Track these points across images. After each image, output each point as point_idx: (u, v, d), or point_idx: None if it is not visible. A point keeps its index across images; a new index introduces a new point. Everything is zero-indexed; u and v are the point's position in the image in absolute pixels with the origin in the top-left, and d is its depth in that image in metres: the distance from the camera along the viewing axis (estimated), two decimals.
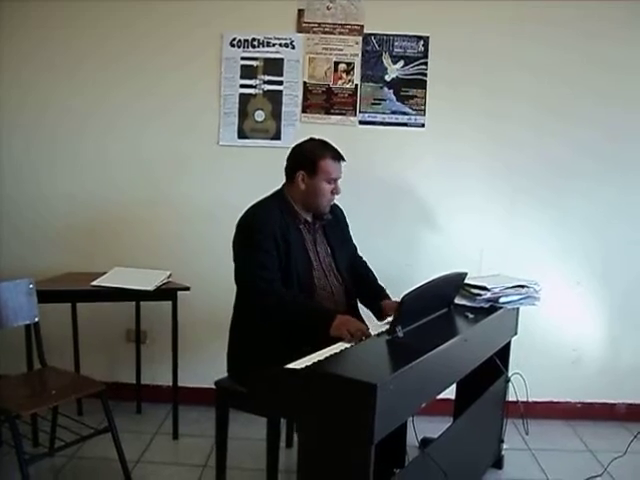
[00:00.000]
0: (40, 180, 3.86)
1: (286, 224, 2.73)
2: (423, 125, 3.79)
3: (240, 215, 2.75)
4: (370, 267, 3.15)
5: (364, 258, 3.18)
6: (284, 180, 2.87)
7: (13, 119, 3.82)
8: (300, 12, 3.74)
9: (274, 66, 3.77)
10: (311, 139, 2.86)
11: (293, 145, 2.88)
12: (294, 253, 2.71)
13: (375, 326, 2.56)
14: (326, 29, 3.75)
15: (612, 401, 3.95)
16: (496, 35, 3.72)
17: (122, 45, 3.77)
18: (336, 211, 3.01)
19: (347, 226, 3.11)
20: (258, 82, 3.79)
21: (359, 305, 3.00)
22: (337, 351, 2.23)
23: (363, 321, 2.69)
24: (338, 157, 2.79)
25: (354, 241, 3.15)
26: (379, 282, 3.08)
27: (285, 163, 2.85)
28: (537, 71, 3.73)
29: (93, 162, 3.84)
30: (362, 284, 3.03)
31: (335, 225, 2.99)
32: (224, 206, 3.71)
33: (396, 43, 3.74)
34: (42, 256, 3.80)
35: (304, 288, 2.73)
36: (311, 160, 2.76)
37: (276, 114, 3.80)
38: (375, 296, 2.97)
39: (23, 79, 3.79)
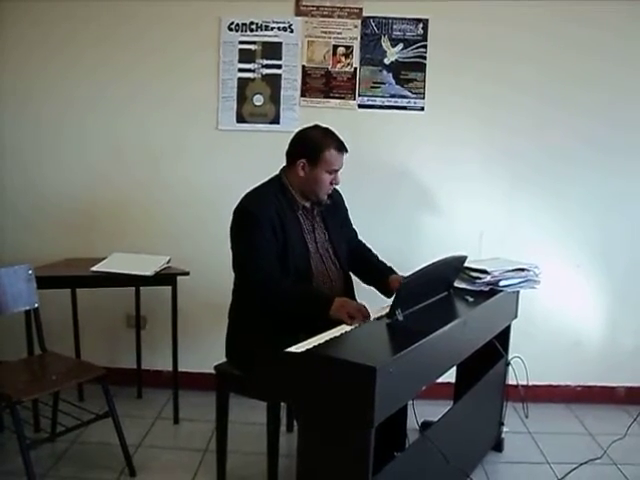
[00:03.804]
0: (42, 167, 3.85)
1: (283, 210, 2.72)
2: (422, 109, 3.77)
3: (237, 201, 2.73)
4: (371, 248, 3.15)
5: (364, 241, 3.17)
6: (283, 163, 2.86)
7: (18, 105, 3.81)
8: None
9: (273, 50, 3.75)
10: (316, 126, 2.81)
11: (298, 130, 2.85)
12: (291, 240, 2.70)
13: (375, 311, 2.56)
14: (325, 12, 3.72)
15: (612, 384, 3.95)
16: (496, 18, 3.69)
17: (125, 35, 3.74)
18: (334, 195, 2.97)
19: (346, 210, 3.09)
20: (257, 66, 3.77)
21: (362, 287, 3.01)
22: (337, 335, 2.23)
23: None
24: (342, 148, 2.75)
25: (354, 226, 3.14)
26: (382, 260, 3.07)
27: (287, 147, 2.82)
28: (537, 56, 3.70)
29: (94, 149, 3.82)
30: (365, 265, 3.03)
31: (333, 210, 2.97)
32: (223, 191, 3.69)
33: (395, 26, 3.72)
34: (42, 242, 3.80)
35: (301, 274, 2.72)
36: (314, 150, 2.71)
37: (275, 98, 3.78)
38: (380, 273, 2.96)
39: (29, 65, 3.77)
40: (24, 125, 3.82)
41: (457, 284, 2.85)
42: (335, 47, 3.75)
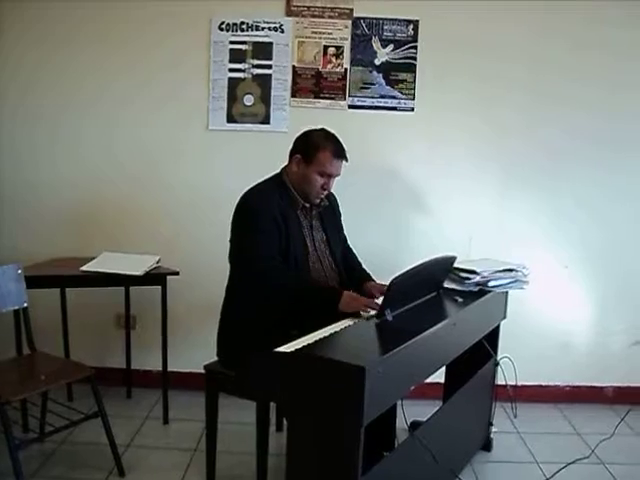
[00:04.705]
0: (38, 166, 3.83)
1: (284, 208, 2.74)
2: (412, 109, 3.78)
3: (238, 197, 2.74)
4: (357, 255, 3.17)
5: (351, 246, 3.19)
6: (276, 163, 2.87)
7: (15, 105, 3.79)
8: None
9: (263, 50, 3.75)
10: (322, 129, 2.83)
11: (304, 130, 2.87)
12: (292, 237, 2.72)
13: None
14: (315, 13, 3.73)
15: (600, 384, 3.97)
16: (486, 19, 3.70)
17: (118, 36, 3.73)
18: (332, 198, 3.02)
19: (340, 215, 3.12)
20: (247, 66, 3.77)
21: None
22: (327, 334, 2.23)
23: None
24: (340, 155, 2.76)
25: (345, 231, 3.15)
26: (364, 267, 3.11)
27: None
28: (527, 55, 3.72)
29: (88, 149, 3.82)
30: (349, 270, 3.04)
31: (331, 212, 3.01)
32: (213, 191, 3.72)
33: (386, 27, 3.73)
34: (34, 241, 3.77)
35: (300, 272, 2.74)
36: (311, 147, 2.74)
37: (265, 98, 3.77)
38: (361, 280, 2.98)
39: (26, 65, 3.76)
40: (20, 125, 3.80)
41: (446, 284, 2.86)
42: (325, 47, 3.75)
